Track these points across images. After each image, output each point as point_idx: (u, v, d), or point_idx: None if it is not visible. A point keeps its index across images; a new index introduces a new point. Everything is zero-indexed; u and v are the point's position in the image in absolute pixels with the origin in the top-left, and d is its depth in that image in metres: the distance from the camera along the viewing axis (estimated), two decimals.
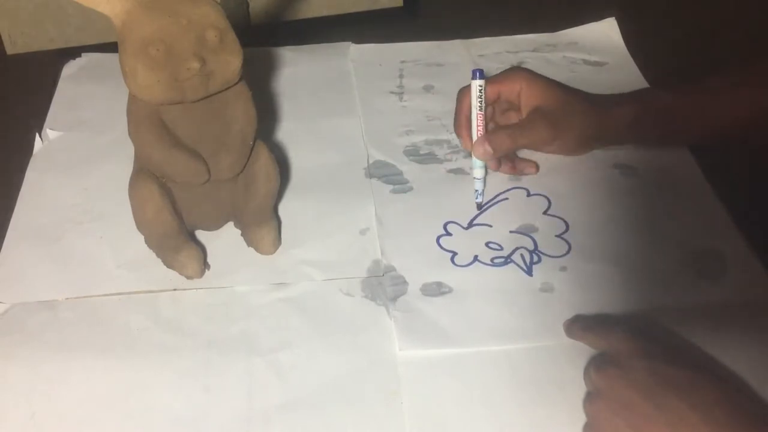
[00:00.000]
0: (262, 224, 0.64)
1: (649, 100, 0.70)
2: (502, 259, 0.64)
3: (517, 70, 0.70)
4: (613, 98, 0.71)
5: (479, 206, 0.68)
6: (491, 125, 0.71)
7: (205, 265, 0.63)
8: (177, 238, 0.61)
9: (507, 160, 0.71)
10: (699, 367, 0.50)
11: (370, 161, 0.73)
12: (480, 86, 0.67)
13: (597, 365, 0.51)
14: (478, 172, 0.68)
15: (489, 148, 0.67)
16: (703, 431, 0.46)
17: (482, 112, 0.68)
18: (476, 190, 0.68)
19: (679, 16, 0.94)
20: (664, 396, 0.47)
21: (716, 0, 0.73)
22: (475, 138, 0.68)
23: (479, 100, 0.68)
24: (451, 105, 0.79)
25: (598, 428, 0.50)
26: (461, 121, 0.70)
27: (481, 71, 0.67)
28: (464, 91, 0.70)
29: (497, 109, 0.72)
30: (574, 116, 0.68)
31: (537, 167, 0.71)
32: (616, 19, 0.90)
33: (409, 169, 0.72)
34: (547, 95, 0.68)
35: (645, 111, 0.69)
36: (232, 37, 0.54)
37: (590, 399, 0.51)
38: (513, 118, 0.71)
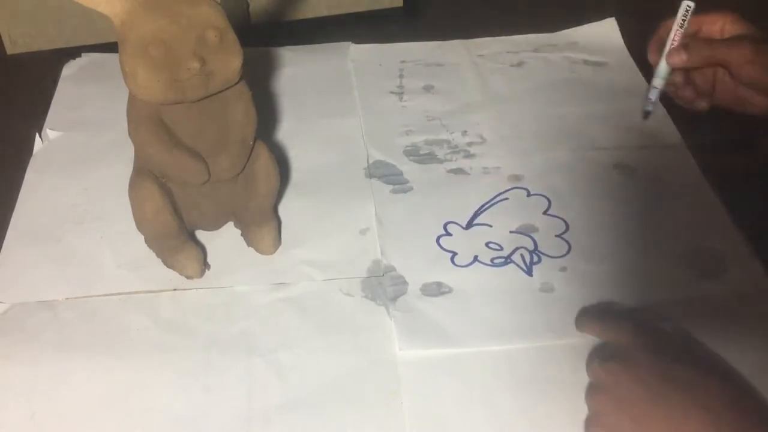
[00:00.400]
0: (262, 224, 0.64)
1: None
2: (502, 259, 0.64)
3: (724, 9, 0.70)
4: None
5: (646, 114, 0.72)
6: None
7: (205, 265, 0.63)
8: (177, 238, 0.61)
9: (691, 87, 0.72)
10: (702, 364, 0.51)
11: (370, 161, 0.73)
12: (689, 6, 0.69)
13: (602, 358, 0.52)
14: (658, 81, 0.71)
15: (684, 55, 0.69)
16: (705, 427, 0.46)
17: (683, 30, 0.69)
18: (649, 98, 0.72)
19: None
20: (667, 391, 0.48)
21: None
22: (669, 48, 0.70)
23: (684, 19, 0.69)
24: (451, 105, 0.79)
25: (599, 421, 0.50)
26: (655, 38, 0.72)
27: None
28: (666, 19, 0.71)
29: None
30: None
31: (710, 104, 0.72)
32: (616, 19, 0.90)
33: (409, 169, 0.72)
34: (752, 30, 0.69)
35: None
36: (232, 37, 0.54)
37: (593, 391, 0.51)
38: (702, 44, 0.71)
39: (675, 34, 0.70)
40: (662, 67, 0.71)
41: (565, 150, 0.74)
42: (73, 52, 0.86)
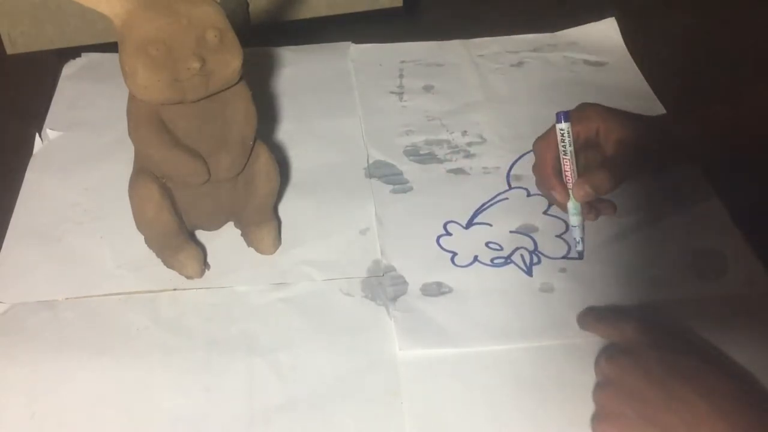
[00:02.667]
0: (262, 224, 0.64)
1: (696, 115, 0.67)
2: (502, 260, 0.64)
3: (589, 108, 0.65)
4: (650, 119, 0.67)
5: (581, 255, 0.64)
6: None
7: (205, 265, 0.63)
8: (177, 238, 0.61)
9: (593, 209, 0.66)
10: (708, 359, 0.51)
11: (370, 161, 0.73)
12: (565, 130, 0.63)
13: (608, 354, 0.52)
14: (575, 220, 0.64)
15: (590, 189, 0.62)
16: (712, 420, 0.46)
17: (570, 157, 0.63)
18: (575, 238, 0.64)
19: (679, 16, 0.94)
20: (674, 386, 0.48)
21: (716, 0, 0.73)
22: (570, 182, 0.63)
23: (566, 145, 0.63)
24: (451, 105, 0.79)
25: (607, 417, 0.50)
26: (549, 173, 0.65)
27: (565, 114, 0.63)
28: (544, 139, 0.66)
29: (577, 149, 0.65)
30: (654, 136, 0.65)
31: (615, 208, 0.66)
32: (616, 19, 0.90)
33: (409, 169, 0.72)
34: (626, 127, 0.64)
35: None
36: (232, 37, 0.54)
37: (600, 388, 0.52)
38: (593, 155, 0.66)
39: (565, 165, 0.63)
40: (573, 205, 0.64)
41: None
42: (73, 52, 0.86)
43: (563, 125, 0.63)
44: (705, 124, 0.67)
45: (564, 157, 0.63)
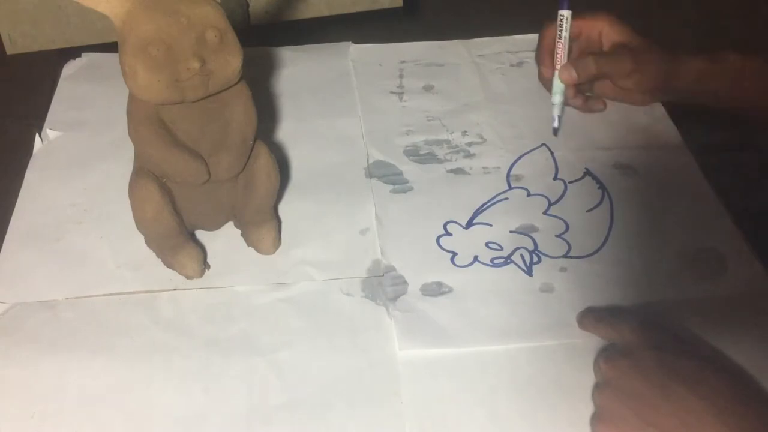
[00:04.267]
0: (262, 224, 0.64)
1: (721, 57, 0.73)
2: (502, 260, 0.64)
3: (600, 12, 0.74)
4: (683, 51, 0.74)
5: (555, 131, 0.73)
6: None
7: (205, 265, 0.63)
8: (177, 238, 0.61)
9: (580, 94, 0.75)
10: (706, 359, 0.51)
11: (370, 161, 0.73)
12: (564, 16, 0.72)
13: (607, 356, 0.52)
14: (557, 98, 0.73)
15: (574, 73, 0.72)
16: (710, 421, 0.46)
17: (564, 41, 0.72)
18: (554, 116, 0.73)
19: (679, 15, 0.94)
20: (672, 386, 0.48)
21: (716, 0, 0.73)
22: (558, 64, 0.73)
23: (563, 30, 0.72)
24: (451, 105, 0.79)
25: (606, 418, 0.50)
26: (543, 51, 0.75)
27: (568, 1, 0.72)
28: (548, 23, 0.75)
29: (576, 48, 0.76)
30: (653, 55, 0.73)
31: (605, 104, 0.76)
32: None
33: (409, 169, 0.72)
34: (628, 35, 0.73)
35: (715, 64, 0.72)
36: (232, 37, 0.54)
37: (599, 389, 0.52)
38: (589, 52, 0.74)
39: (558, 47, 0.73)
40: (557, 84, 0.73)
41: (565, 150, 0.74)
42: (73, 52, 0.86)
43: (564, 12, 0.72)
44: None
45: (558, 40, 0.73)
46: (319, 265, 0.63)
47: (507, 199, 0.69)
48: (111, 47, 0.60)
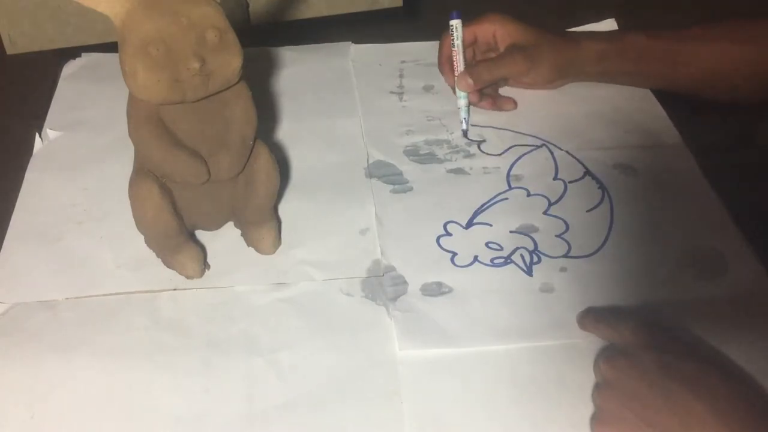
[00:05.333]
0: (262, 224, 0.64)
1: (620, 38, 0.76)
2: (502, 260, 0.64)
3: (491, 14, 0.77)
4: (585, 34, 0.78)
5: (465, 133, 0.75)
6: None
7: (205, 265, 0.63)
8: (177, 238, 0.61)
9: (488, 96, 0.78)
10: (707, 361, 0.51)
11: (370, 161, 0.73)
12: (454, 25, 0.75)
13: (607, 356, 0.52)
14: (462, 102, 0.76)
15: (470, 80, 0.75)
16: (710, 422, 0.46)
17: (458, 50, 0.75)
18: (461, 118, 0.76)
19: (679, 16, 0.94)
20: (672, 387, 0.48)
21: (716, 0, 0.73)
22: (457, 72, 0.76)
23: (455, 38, 0.75)
24: (451, 105, 0.79)
25: (606, 418, 0.50)
26: (443, 60, 0.78)
27: (458, 12, 0.76)
28: (445, 34, 0.78)
29: (477, 51, 0.79)
30: (546, 47, 0.76)
31: (515, 103, 0.78)
32: (615, 19, 0.90)
33: (409, 169, 0.72)
34: (520, 32, 0.76)
35: (614, 46, 0.75)
36: (232, 37, 0.54)
37: (599, 390, 0.52)
38: (487, 57, 0.78)
39: (454, 55, 0.76)
40: (458, 91, 0.76)
41: (565, 150, 0.74)
42: (73, 52, 0.86)
43: (454, 21, 0.76)
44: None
45: (453, 50, 0.76)
46: (319, 265, 0.63)
47: (507, 199, 0.69)
48: (111, 47, 0.60)
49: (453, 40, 0.76)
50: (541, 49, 0.76)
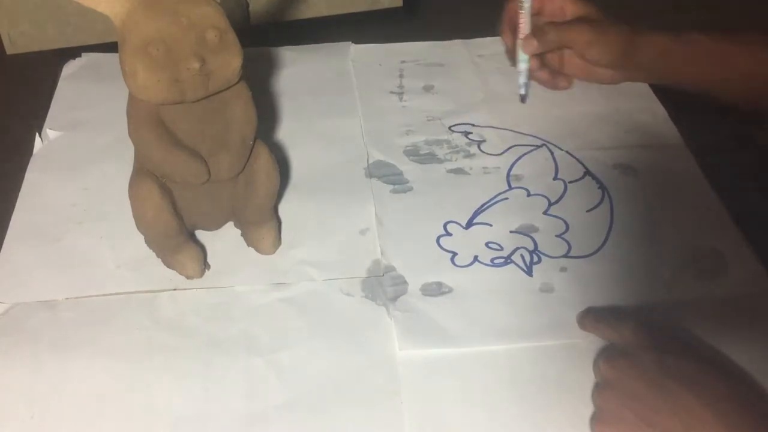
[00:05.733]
0: (262, 224, 0.64)
1: (684, 36, 0.74)
2: (502, 260, 0.64)
3: None
4: (648, 28, 0.75)
5: (522, 98, 0.76)
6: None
7: (205, 265, 0.63)
8: (177, 238, 0.61)
9: (547, 69, 0.77)
10: (707, 360, 0.51)
11: (370, 161, 0.73)
12: None
13: (607, 356, 0.52)
14: (522, 66, 0.75)
15: (535, 42, 0.74)
16: (710, 422, 0.46)
17: (525, 12, 0.74)
18: (520, 83, 0.75)
19: (679, 16, 0.94)
20: (672, 387, 0.48)
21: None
22: (522, 35, 0.75)
23: (524, 1, 0.74)
24: (451, 105, 0.80)
25: (605, 418, 0.50)
26: (505, 21, 0.78)
27: None
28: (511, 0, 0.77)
29: (539, 22, 0.76)
30: (613, 27, 0.74)
31: (570, 82, 0.78)
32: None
33: (409, 169, 0.72)
34: (589, 8, 0.75)
35: (676, 42, 0.73)
36: (232, 37, 0.54)
37: (599, 389, 0.52)
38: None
39: (520, 18, 0.75)
40: (521, 54, 0.75)
41: (565, 150, 0.74)
42: (73, 52, 0.86)
43: None
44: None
45: (520, 11, 0.74)
46: (319, 265, 0.63)
47: (507, 199, 0.69)
48: (111, 47, 0.60)
49: (522, 2, 0.74)
50: (607, 26, 0.74)
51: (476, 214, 0.68)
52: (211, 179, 0.59)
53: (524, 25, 0.75)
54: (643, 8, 0.93)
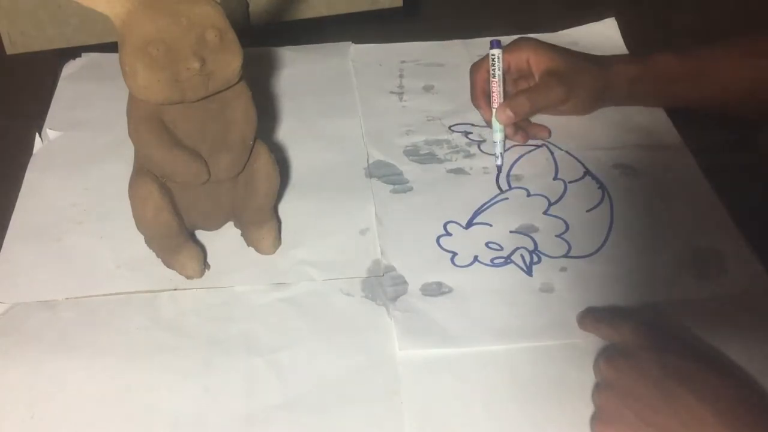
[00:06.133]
0: (262, 224, 0.64)
1: (651, 61, 0.74)
2: (502, 260, 0.64)
3: (523, 40, 0.75)
4: (615, 58, 0.75)
5: (499, 168, 0.72)
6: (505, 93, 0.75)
7: (205, 265, 0.63)
8: (177, 238, 0.61)
9: (520, 128, 0.74)
10: (707, 360, 0.51)
11: (370, 161, 0.73)
12: (496, 55, 0.72)
13: (607, 356, 0.52)
14: (498, 136, 0.72)
15: (510, 113, 0.71)
16: (710, 422, 0.46)
17: (498, 80, 0.72)
18: (495, 154, 0.72)
19: (679, 16, 0.94)
20: (672, 387, 0.48)
21: None
22: (495, 105, 0.72)
23: (495, 69, 0.73)
24: (451, 105, 0.79)
25: (606, 418, 0.50)
26: (477, 92, 0.75)
27: (498, 41, 0.73)
28: (477, 65, 0.75)
29: (508, 78, 0.75)
30: (583, 74, 0.73)
31: (549, 131, 0.75)
32: (616, 19, 0.90)
33: (409, 169, 0.72)
34: (554, 58, 0.73)
35: (646, 70, 0.73)
36: (232, 37, 0.54)
37: (599, 389, 0.52)
38: (523, 85, 0.75)
39: (493, 86, 0.73)
40: (496, 124, 0.72)
41: (565, 150, 0.74)
42: (73, 52, 0.86)
43: (495, 51, 0.73)
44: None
45: (492, 80, 0.73)
46: (319, 265, 0.63)
47: (507, 199, 0.69)
48: (111, 47, 0.60)
49: (494, 70, 0.72)
50: (577, 76, 0.72)
51: (476, 214, 0.68)
52: (211, 179, 0.59)
53: (497, 94, 0.72)
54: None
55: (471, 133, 0.76)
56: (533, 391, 0.54)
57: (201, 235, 0.65)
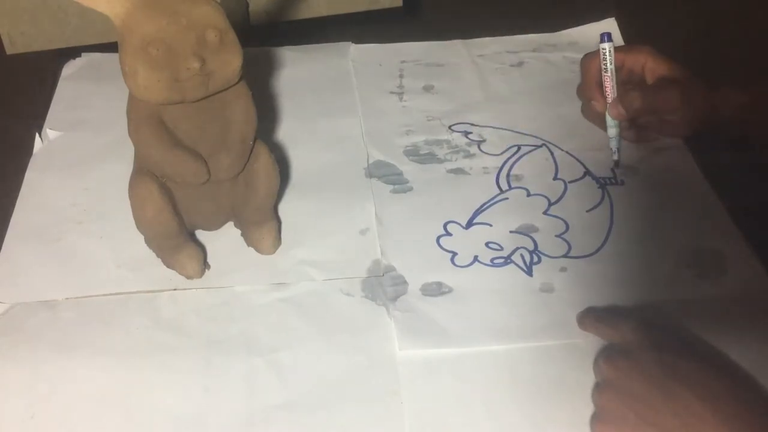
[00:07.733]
0: (262, 224, 0.64)
1: (763, 93, 0.71)
2: (502, 260, 0.64)
3: (642, 45, 0.73)
4: (723, 83, 0.72)
5: (616, 164, 0.72)
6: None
7: (205, 265, 0.63)
8: (177, 238, 0.61)
9: (633, 126, 0.73)
10: (707, 360, 0.51)
11: (370, 161, 0.73)
12: (607, 49, 0.71)
13: (607, 356, 0.52)
14: (612, 131, 0.72)
15: (622, 109, 0.71)
16: (710, 422, 0.46)
17: (610, 75, 0.72)
18: (611, 148, 0.72)
19: (679, 16, 0.94)
20: (672, 387, 0.48)
21: (713, 0, 0.73)
22: (609, 99, 0.72)
23: (608, 63, 0.71)
24: (451, 105, 0.80)
25: (606, 418, 0.50)
26: (590, 84, 0.74)
27: (609, 34, 0.71)
28: (590, 57, 0.74)
29: (618, 79, 0.74)
30: (696, 91, 0.71)
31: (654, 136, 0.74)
32: (615, 19, 0.90)
33: (409, 169, 0.72)
34: (673, 68, 0.72)
35: (755, 99, 0.71)
36: (232, 37, 0.54)
37: (599, 389, 0.52)
38: (633, 87, 0.73)
39: (606, 81, 0.72)
40: (609, 118, 0.72)
41: (565, 150, 0.74)
42: (73, 52, 0.86)
43: (605, 45, 0.71)
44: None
45: (605, 74, 0.72)
46: (319, 265, 0.63)
47: (507, 199, 0.69)
48: (111, 47, 0.60)
49: (605, 65, 0.71)
50: (694, 90, 0.71)
51: (476, 214, 0.68)
52: (211, 179, 0.59)
53: (610, 89, 0.72)
54: None
55: (471, 133, 0.76)
56: (533, 391, 0.54)
57: (201, 235, 0.65)
